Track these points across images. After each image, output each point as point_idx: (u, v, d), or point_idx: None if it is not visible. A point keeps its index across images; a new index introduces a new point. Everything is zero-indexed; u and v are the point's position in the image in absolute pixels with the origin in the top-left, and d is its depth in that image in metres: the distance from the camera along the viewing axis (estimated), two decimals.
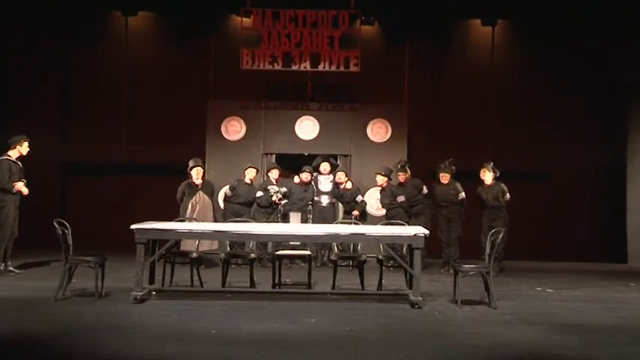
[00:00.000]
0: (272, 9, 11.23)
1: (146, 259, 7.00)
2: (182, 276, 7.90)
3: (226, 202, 10.33)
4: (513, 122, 12.45)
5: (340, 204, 10.48)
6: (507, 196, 9.64)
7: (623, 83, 12.21)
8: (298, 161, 10.79)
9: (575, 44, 12.23)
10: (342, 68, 11.27)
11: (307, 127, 11.38)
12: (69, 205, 12.36)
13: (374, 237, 7.20)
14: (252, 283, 7.74)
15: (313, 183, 10.39)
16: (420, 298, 6.85)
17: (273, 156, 11.37)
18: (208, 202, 9.89)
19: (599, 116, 12.39)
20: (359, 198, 10.33)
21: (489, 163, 9.78)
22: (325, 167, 10.49)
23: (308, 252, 8.00)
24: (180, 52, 12.54)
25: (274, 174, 10.23)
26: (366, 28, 12.13)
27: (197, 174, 9.77)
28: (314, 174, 10.44)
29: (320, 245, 9.84)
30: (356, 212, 10.08)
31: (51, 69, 12.49)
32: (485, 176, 9.72)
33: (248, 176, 10.21)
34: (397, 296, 7.43)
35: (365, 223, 9.61)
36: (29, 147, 8.91)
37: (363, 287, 7.73)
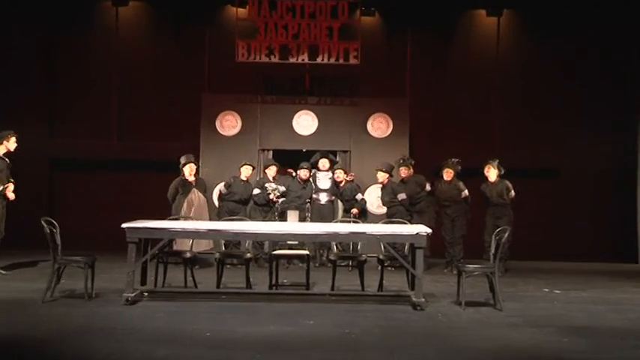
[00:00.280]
0: None
1: (138, 259, 7.01)
2: (175, 276, 7.90)
3: (221, 200, 10.33)
4: (519, 117, 12.42)
5: (339, 202, 10.48)
6: (512, 194, 9.66)
7: (634, 76, 12.20)
8: (296, 157, 10.79)
9: (584, 36, 12.19)
10: (342, 61, 11.27)
11: (305, 122, 11.38)
12: (57, 203, 12.33)
13: (374, 236, 7.21)
14: (248, 284, 7.75)
15: (311, 180, 10.39)
16: (423, 300, 6.86)
17: (269, 152, 11.36)
18: (204, 201, 9.91)
19: (608, 111, 12.35)
20: (359, 196, 10.32)
21: (495, 160, 9.79)
22: (324, 164, 10.49)
23: (306, 252, 8.00)
24: (173, 44, 12.52)
25: (272, 171, 10.23)
26: (367, 19, 12.11)
27: (190, 171, 9.77)
28: (312, 171, 10.44)
29: (318, 244, 9.86)
30: (355, 211, 10.08)
31: (38, 61, 12.45)
32: (489, 173, 9.74)
33: (244, 174, 10.21)
34: (398, 298, 7.44)
35: (365, 222, 9.63)
36: (17, 142, 8.90)
37: (363, 288, 7.74)
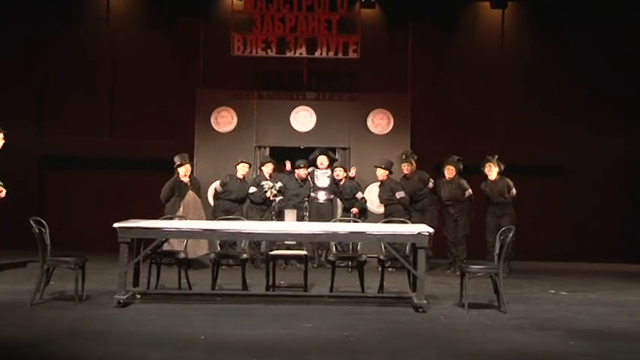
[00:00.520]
0: None
1: (130, 260, 6.99)
2: (169, 278, 7.90)
3: (216, 199, 10.32)
4: (524, 112, 12.45)
5: (339, 200, 10.47)
6: (513, 192, 9.66)
7: (639, 71, 12.21)
8: (294, 155, 10.77)
9: (590, 28, 12.21)
10: (341, 55, 11.25)
11: (303, 118, 11.36)
12: (47, 202, 12.33)
13: (375, 236, 7.20)
14: (244, 286, 7.74)
15: (310, 178, 10.38)
16: (425, 302, 6.86)
17: (266, 149, 11.35)
18: (199, 202, 9.91)
19: (615, 106, 12.38)
20: (359, 195, 10.29)
21: (494, 157, 9.78)
22: (322, 161, 10.47)
23: (304, 252, 8.01)
24: (166, 38, 12.53)
25: (268, 168, 10.21)
26: (367, 11, 12.12)
27: (185, 172, 9.73)
28: (311, 168, 10.43)
29: (317, 245, 9.86)
30: (355, 210, 10.06)
31: (26, 55, 12.41)
32: (490, 171, 9.73)
33: (240, 172, 10.19)
34: (400, 299, 7.44)
35: (365, 221, 9.63)
36: (4, 139, 8.87)
37: (363, 290, 7.73)
